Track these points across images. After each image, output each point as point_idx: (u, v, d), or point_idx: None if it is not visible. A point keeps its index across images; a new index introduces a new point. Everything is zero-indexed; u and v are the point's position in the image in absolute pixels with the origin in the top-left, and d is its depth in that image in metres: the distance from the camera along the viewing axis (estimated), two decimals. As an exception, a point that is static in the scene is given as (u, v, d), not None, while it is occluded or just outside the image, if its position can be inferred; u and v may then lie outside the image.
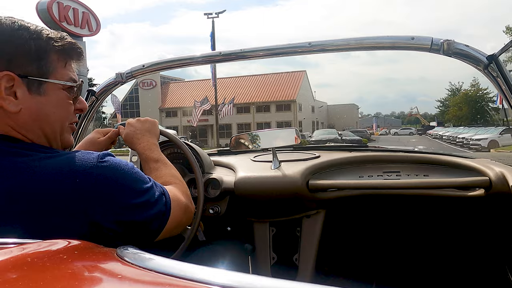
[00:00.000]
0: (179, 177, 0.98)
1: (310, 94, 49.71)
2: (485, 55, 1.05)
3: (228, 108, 26.58)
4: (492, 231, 1.55)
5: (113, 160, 0.72)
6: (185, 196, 0.90)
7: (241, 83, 46.37)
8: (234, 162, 1.62)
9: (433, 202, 1.50)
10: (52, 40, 0.75)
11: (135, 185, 0.73)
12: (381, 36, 1.15)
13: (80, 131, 1.48)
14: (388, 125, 79.06)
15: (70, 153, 0.71)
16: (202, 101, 26.34)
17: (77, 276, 0.43)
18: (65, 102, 0.78)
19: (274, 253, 1.55)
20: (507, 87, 1.05)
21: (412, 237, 1.72)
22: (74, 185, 0.65)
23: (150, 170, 0.98)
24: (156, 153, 1.03)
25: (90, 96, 1.48)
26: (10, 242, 0.49)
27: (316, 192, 1.46)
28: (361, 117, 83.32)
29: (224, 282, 0.38)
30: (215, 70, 24.31)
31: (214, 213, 1.45)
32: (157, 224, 0.77)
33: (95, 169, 0.68)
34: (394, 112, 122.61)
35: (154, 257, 0.46)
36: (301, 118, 42.94)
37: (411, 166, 1.50)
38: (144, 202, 0.73)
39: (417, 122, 77.88)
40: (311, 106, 49.05)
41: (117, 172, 0.71)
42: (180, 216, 0.84)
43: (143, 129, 1.09)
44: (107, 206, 0.68)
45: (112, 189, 0.69)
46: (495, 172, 1.29)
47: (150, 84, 46.11)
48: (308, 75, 48.10)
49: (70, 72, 0.79)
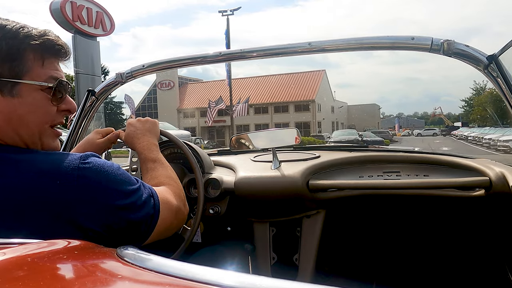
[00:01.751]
0: (174, 178, 0.96)
1: (330, 94, 49.04)
2: (485, 55, 1.05)
3: (243, 107, 26.09)
4: (492, 231, 1.55)
5: (96, 161, 0.70)
6: (178, 198, 0.88)
7: (259, 84, 46.03)
8: (234, 162, 1.62)
9: (433, 202, 1.50)
10: (29, 38, 0.71)
11: (119, 187, 0.71)
12: (381, 36, 1.15)
13: (80, 131, 1.49)
14: (411, 126, 77.40)
15: (50, 153, 0.70)
16: (217, 101, 26.01)
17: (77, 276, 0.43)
18: (42, 103, 0.74)
19: (274, 253, 1.55)
20: (507, 87, 1.04)
21: (412, 237, 1.73)
22: (54, 187, 0.64)
23: (146, 170, 0.97)
24: (155, 153, 1.02)
25: (90, 96, 1.47)
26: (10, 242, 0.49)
27: (316, 192, 1.46)
28: (382, 117, 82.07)
29: (224, 282, 0.38)
30: (230, 70, 24.04)
31: (214, 213, 1.45)
32: (145, 227, 0.75)
33: (77, 171, 0.66)
34: (417, 113, 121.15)
35: (154, 257, 0.46)
36: (320, 118, 42.39)
37: (411, 166, 1.50)
38: (129, 204, 0.71)
39: (440, 122, 75.92)
40: (330, 106, 48.35)
41: (100, 173, 0.69)
42: (171, 219, 0.82)
43: (144, 129, 1.09)
44: (90, 209, 0.66)
45: (95, 191, 0.67)
46: (495, 172, 1.29)
47: (168, 85, 46.43)
48: (328, 75, 47.44)
49: (51, 71, 0.74)
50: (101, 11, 17.83)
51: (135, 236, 0.74)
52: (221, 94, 30.69)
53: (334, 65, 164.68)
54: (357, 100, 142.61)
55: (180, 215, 0.87)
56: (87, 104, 1.48)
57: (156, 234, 0.77)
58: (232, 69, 23.55)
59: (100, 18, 17.63)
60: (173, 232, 0.87)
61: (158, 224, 0.77)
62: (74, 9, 16.12)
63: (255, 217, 1.56)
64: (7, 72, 0.68)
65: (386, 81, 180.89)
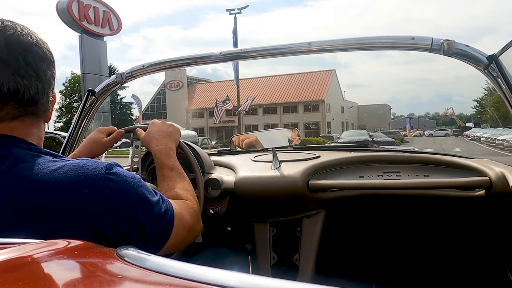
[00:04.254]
0: (191, 191, 0.95)
1: (340, 94, 48.25)
2: (485, 55, 1.05)
3: (246, 105, 25.79)
4: (492, 231, 1.55)
5: (121, 171, 0.71)
6: (193, 214, 0.88)
7: (268, 84, 45.51)
8: (234, 162, 1.62)
9: (433, 202, 1.50)
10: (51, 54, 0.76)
11: (141, 199, 0.72)
12: (381, 36, 1.15)
13: (80, 131, 1.49)
14: (422, 126, 76.11)
15: (77, 161, 0.70)
16: (224, 101, 25.73)
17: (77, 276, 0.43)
18: None
19: (274, 253, 1.54)
20: (507, 88, 1.04)
21: (412, 237, 1.73)
22: (82, 195, 0.65)
23: (163, 178, 0.96)
24: (172, 160, 1.01)
25: (90, 96, 1.48)
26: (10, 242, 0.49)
27: (316, 192, 1.45)
28: (393, 118, 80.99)
29: (224, 282, 0.38)
30: (237, 70, 23.83)
31: (215, 213, 1.44)
32: (157, 240, 0.75)
33: (103, 181, 0.67)
34: (428, 113, 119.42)
35: (154, 257, 0.46)
36: (329, 118, 41.88)
37: (411, 166, 1.49)
38: (149, 217, 0.72)
39: (452, 123, 74.57)
40: (340, 106, 47.40)
41: (125, 184, 0.70)
42: (183, 235, 0.82)
43: (165, 131, 1.08)
44: (111, 218, 0.67)
45: (119, 202, 0.68)
46: (495, 172, 1.29)
47: (177, 85, 46.39)
48: (337, 75, 46.90)
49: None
50: (108, 11, 17.79)
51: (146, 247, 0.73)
52: (230, 94, 30.49)
53: (344, 65, 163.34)
54: (368, 100, 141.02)
55: (193, 232, 0.87)
56: (87, 104, 1.49)
57: (167, 248, 0.78)
58: (241, 69, 23.62)
59: (107, 17, 17.60)
60: (183, 248, 0.87)
61: (170, 240, 0.77)
62: (80, 9, 16.11)
63: (255, 217, 1.56)
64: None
65: (397, 81, 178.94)
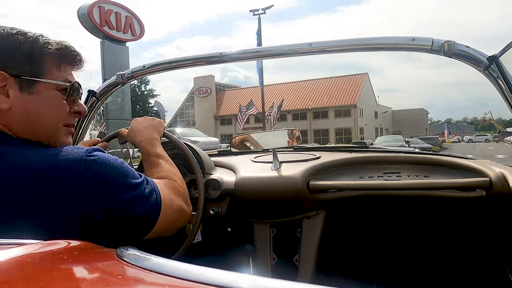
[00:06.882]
0: (179, 175, 0.96)
1: (373, 98, 46.14)
2: (486, 56, 1.06)
3: (274, 114, 24.80)
4: (492, 232, 1.55)
5: (101, 155, 0.72)
6: (181, 196, 0.88)
7: (297, 89, 44.14)
8: (234, 163, 1.62)
9: (434, 203, 1.50)
10: (47, 44, 0.77)
11: (124, 180, 0.73)
12: (382, 37, 1.16)
13: (80, 132, 1.51)
14: (460, 132, 72.70)
15: (58, 148, 0.72)
16: (248, 105, 25.03)
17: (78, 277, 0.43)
18: (57, 102, 0.78)
19: (275, 253, 1.54)
20: (507, 88, 1.05)
21: (413, 238, 1.72)
22: (60, 178, 0.65)
23: (150, 165, 0.97)
24: (158, 149, 1.02)
25: (91, 96, 1.50)
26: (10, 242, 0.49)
27: (317, 193, 1.45)
28: (430, 123, 77.89)
29: (225, 282, 0.38)
30: (262, 74, 23.23)
31: (215, 214, 1.44)
32: (145, 222, 0.76)
33: (83, 163, 0.68)
34: (466, 118, 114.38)
35: (154, 257, 0.46)
36: (362, 124, 40.16)
37: (411, 167, 1.49)
38: (132, 198, 0.73)
39: (491, 128, 70.42)
40: (373, 111, 45.31)
41: (106, 166, 0.71)
42: (172, 217, 0.82)
43: (147, 123, 1.10)
44: (94, 200, 0.68)
45: (100, 183, 0.69)
46: (496, 173, 1.29)
47: (206, 92, 46.17)
48: (370, 80, 45.18)
49: (66, 74, 0.80)
50: (130, 16, 17.40)
51: (135, 230, 0.75)
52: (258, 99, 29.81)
53: (376, 70, 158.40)
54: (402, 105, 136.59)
55: (184, 214, 0.87)
56: (87, 105, 1.49)
57: (157, 230, 0.77)
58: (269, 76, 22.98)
59: (130, 22, 17.21)
60: (174, 231, 0.87)
61: (159, 221, 0.77)
62: (102, 14, 15.79)
63: (255, 217, 1.55)
64: (27, 72, 0.74)
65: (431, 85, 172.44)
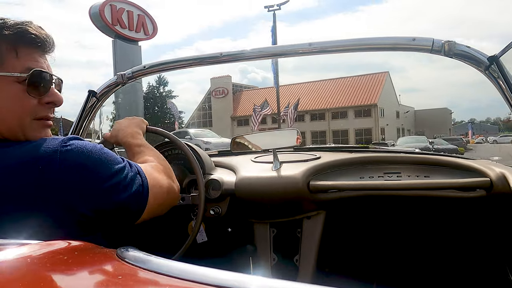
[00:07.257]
0: (162, 157, 0.97)
1: (394, 98, 44.46)
2: (486, 56, 1.06)
3: (291, 114, 23.96)
4: (492, 232, 1.55)
5: (78, 143, 0.68)
6: (167, 175, 0.88)
7: (314, 88, 43.27)
8: (234, 163, 1.62)
9: (434, 203, 1.51)
10: (1, 29, 0.69)
11: (103, 168, 0.69)
12: (382, 37, 1.16)
13: (81, 132, 1.50)
14: (484, 132, 70.23)
15: (32, 142, 0.68)
16: (262, 105, 24.15)
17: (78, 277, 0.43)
18: (19, 96, 0.71)
19: (275, 254, 1.54)
20: (507, 89, 1.05)
21: (413, 238, 1.73)
22: (37, 173, 0.62)
23: (133, 154, 0.96)
24: (140, 140, 1.01)
25: (91, 97, 1.50)
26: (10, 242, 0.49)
27: (317, 193, 1.45)
28: (453, 123, 75.60)
29: (225, 282, 0.38)
30: (277, 73, 22.76)
31: (215, 214, 1.44)
32: (135, 206, 0.74)
33: (59, 154, 0.64)
34: (489, 118, 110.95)
35: (154, 258, 0.46)
36: (383, 124, 38.87)
37: (411, 167, 1.50)
38: (116, 184, 0.70)
39: (515, 128, 67.85)
40: (395, 111, 43.54)
41: (84, 155, 0.67)
42: (162, 196, 0.82)
43: (128, 122, 1.09)
44: (76, 193, 0.65)
45: (79, 174, 0.65)
46: (496, 173, 1.29)
47: (222, 93, 45.84)
48: (392, 79, 43.85)
49: (27, 62, 0.71)
50: (142, 14, 17.01)
51: (128, 215, 0.73)
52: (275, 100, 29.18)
53: (398, 69, 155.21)
54: (425, 105, 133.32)
55: (172, 192, 0.87)
56: (88, 105, 1.49)
57: (149, 211, 0.77)
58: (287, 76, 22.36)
59: (142, 21, 16.82)
60: (166, 210, 0.87)
61: (149, 202, 0.76)
62: (113, 13, 15.45)
63: (255, 218, 1.56)
64: None
65: (453, 84, 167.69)
